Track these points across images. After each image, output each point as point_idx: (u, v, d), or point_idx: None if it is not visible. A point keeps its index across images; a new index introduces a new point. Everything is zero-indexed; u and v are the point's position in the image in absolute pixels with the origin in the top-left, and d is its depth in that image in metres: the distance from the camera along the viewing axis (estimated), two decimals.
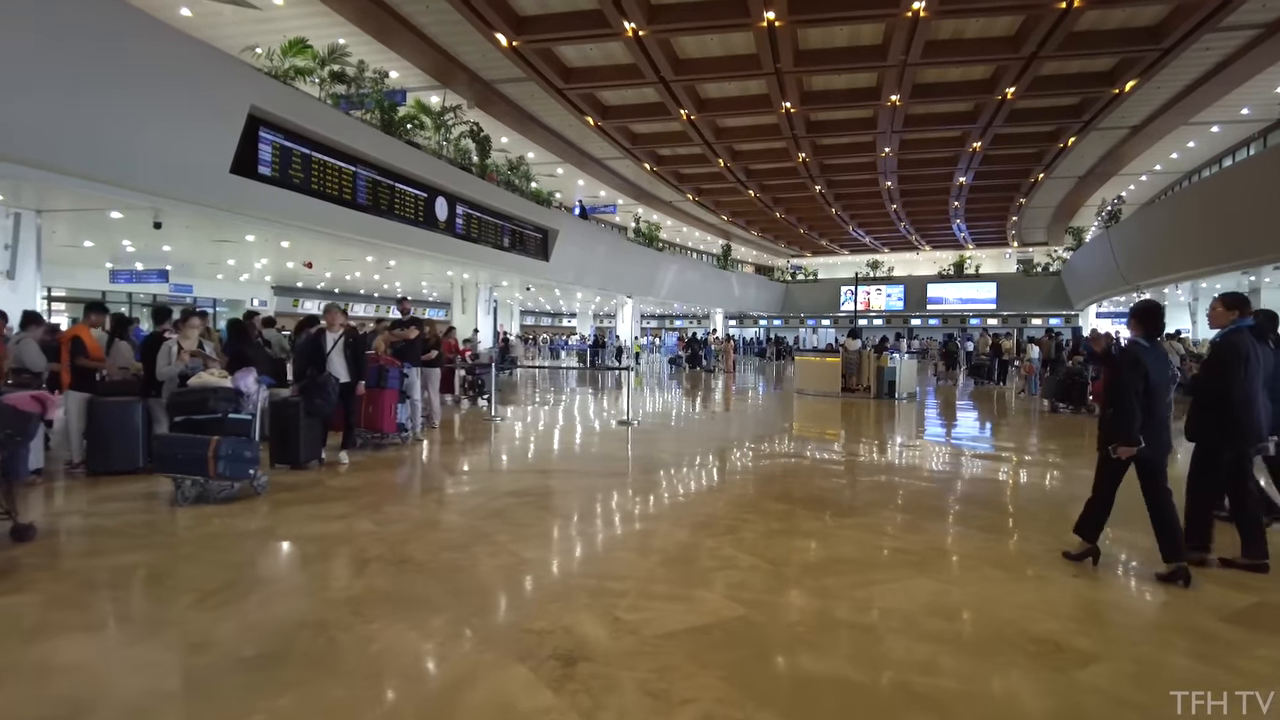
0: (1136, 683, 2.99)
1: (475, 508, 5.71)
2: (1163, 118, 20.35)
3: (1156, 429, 4.19)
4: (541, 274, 25.02)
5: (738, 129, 22.67)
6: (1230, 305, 4.50)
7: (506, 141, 23.63)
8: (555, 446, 9.40)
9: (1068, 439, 10.72)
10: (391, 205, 17.08)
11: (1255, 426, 4.34)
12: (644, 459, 8.19)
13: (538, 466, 7.71)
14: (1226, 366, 4.29)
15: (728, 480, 6.97)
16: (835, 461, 8.22)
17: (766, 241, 45.42)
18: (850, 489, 6.62)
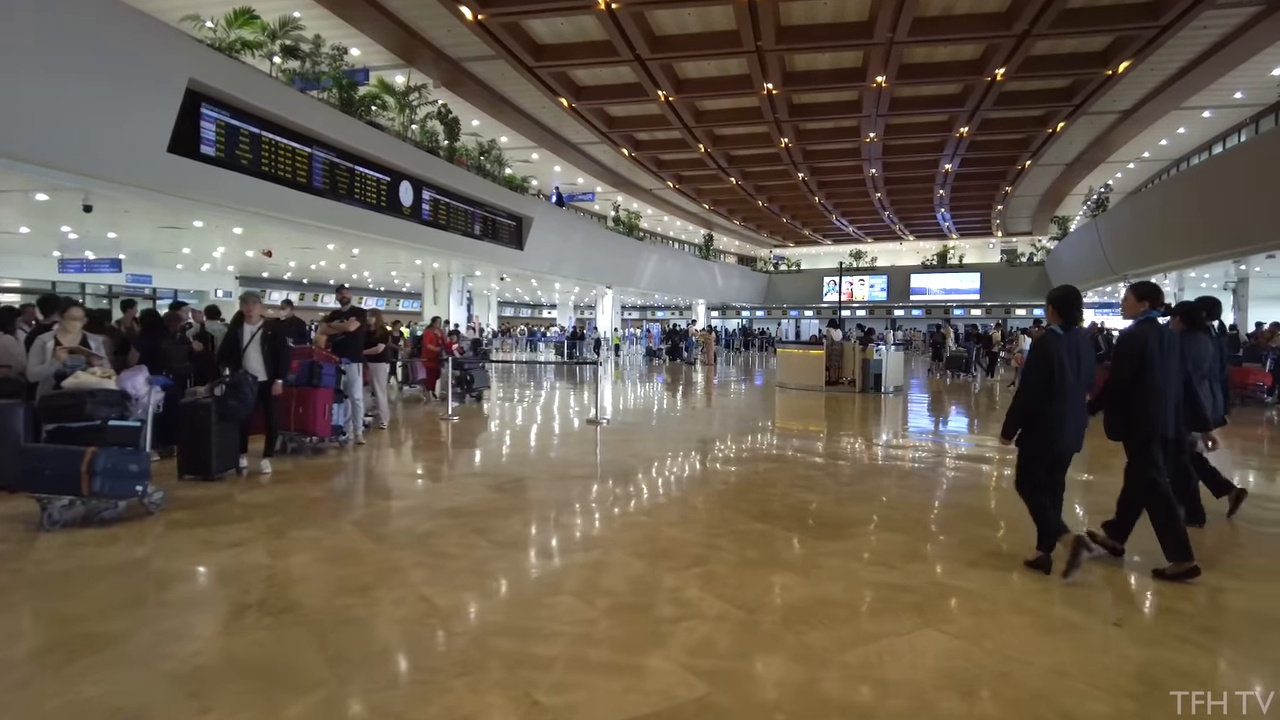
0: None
1: (398, 531, 4.86)
2: (1154, 101, 19.71)
3: (1069, 420, 4.05)
4: (516, 263, 24.08)
5: (718, 112, 21.81)
6: (1141, 296, 4.32)
7: (478, 125, 22.62)
8: (511, 451, 8.54)
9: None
10: (351, 189, 16.11)
11: (1161, 420, 4.14)
12: (608, 465, 7.38)
13: (487, 476, 6.84)
14: (1126, 360, 4.16)
15: (699, 492, 6.16)
16: (819, 466, 7.44)
17: (749, 231, 44.64)
18: (836, 501, 5.82)
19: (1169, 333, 4.29)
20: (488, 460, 7.84)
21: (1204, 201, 18.37)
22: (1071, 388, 4.03)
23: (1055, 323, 4.20)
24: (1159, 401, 4.12)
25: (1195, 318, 5.22)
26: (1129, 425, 4.18)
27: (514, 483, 6.36)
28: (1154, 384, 4.10)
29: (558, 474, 6.88)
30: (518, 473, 6.89)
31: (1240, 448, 9.81)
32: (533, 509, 5.50)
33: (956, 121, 21.93)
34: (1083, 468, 7.06)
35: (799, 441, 9.51)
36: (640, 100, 20.04)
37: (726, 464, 7.50)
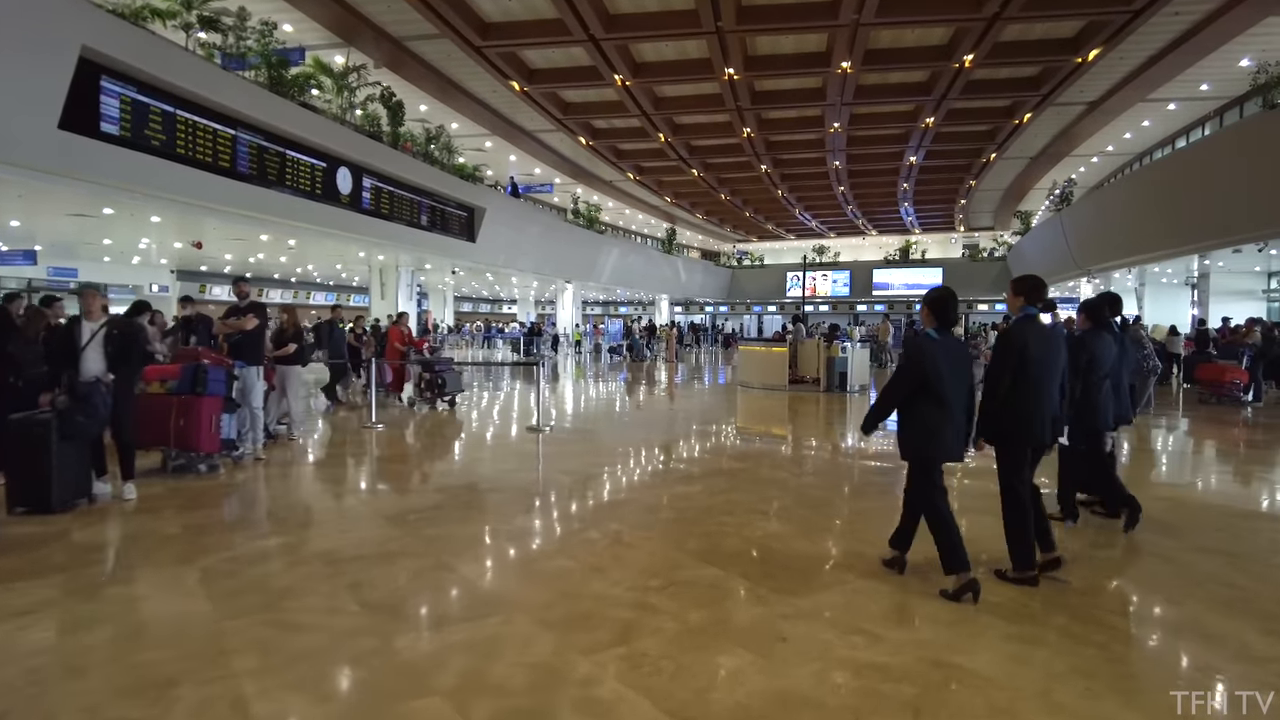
0: None
1: (250, 586, 3.82)
2: (1122, 92, 19.30)
3: (948, 427, 3.83)
4: (467, 256, 22.91)
5: (678, 99, 20.87)
6: (1018, 291, 4.07)
7: (426, 110, 21.39)
8: (429, 468, 7.49)
9: None
10: (282, 175, 14.87)
11: (1036, 425, 3.95)
12: (537, 486, 6.41)
13: (389, 503, 5.80)
14: (1003, 360, 3.95)
15: (640, 522, 5.16)
16: (783, 484, 6.54)
17: (712, 225, 43.88)
18: (804, 533, 4.91)
19: (1051, 331, 4.06)
20: (397, 481, 6.79)
21: (1169, 195, 18.01)
22: (950, 393, 3.81)
23: (930, 325, 3.94)
24: (1035, 405, 3.92)
25: (1100, 315, 5.04)
26: (1001, 428, 3.98)
27: (418, 514, 5.32)
28: (1031, 386, 3.89)
29: (475, 499, 5.88)
30: (427, 499, 5.87)
31: (1205, 450, 9.25)
32: (429, 552, 4.46)
33: (922, 111, 21.31)
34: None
35: (761, 451, 8.65)
36: (596, 84, 19.02)
37: (676, 481, 6.56)
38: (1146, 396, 11.51)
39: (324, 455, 7.91)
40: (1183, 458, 8.88)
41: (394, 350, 12.70)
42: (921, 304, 4.05)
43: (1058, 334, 4.16)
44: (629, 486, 6.38)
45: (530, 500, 5.82)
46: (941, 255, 45.91)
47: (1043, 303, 4.11)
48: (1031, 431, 3.95)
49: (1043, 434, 3.98)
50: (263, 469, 6.91)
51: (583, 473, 6.88)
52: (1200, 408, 12.52)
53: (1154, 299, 29.82)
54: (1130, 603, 3.92)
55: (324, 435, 9.21)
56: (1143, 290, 30.52)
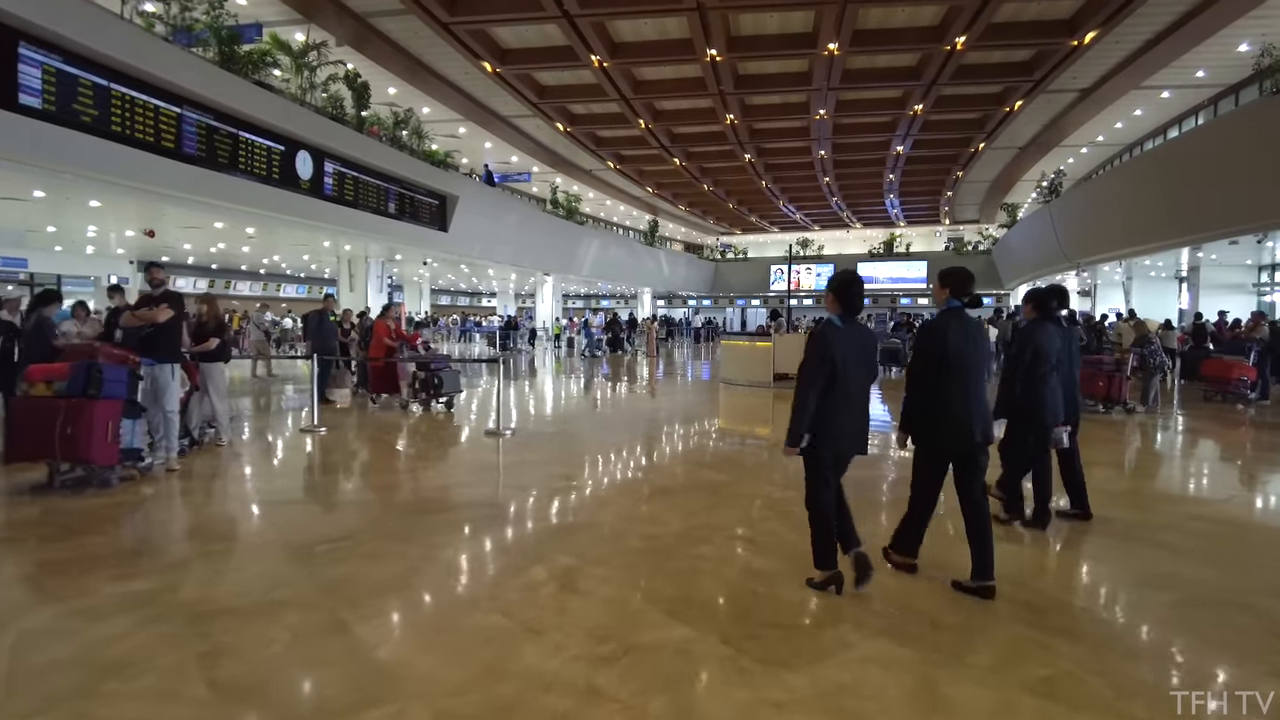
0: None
1: (69, 658, 2.93)
2: (1116, 79, 18.68)
3: (848, 419, 3.69)
4: (440, 246, 21.95)
5: (658, 82, 19.99)
6: (944, 283, 3.94)
7: (395, 93, 20.39)
8: (361, 482, 6.56)
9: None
10: (234, 158, 13.89)
11: (964, 423, 3.76)
12: (482, 507, 5.51)
13: (299, 530, 4.86)
14: (924, 355, 3.82)
15: (596, 557, 4.26)
16: (767, 498, 5.75)
17: (695, 217, 43.07)
18: (799, 570, 4.00)
19: (975, 324, 3.85)
20: (320, 500, 5.89)
21: (1165, 185, 17.41)
22: (852, 384, 3.66)
23: (835, 311, 3.77)
24: (961, 401, 3.75)
25: (1045, 306, 4.94)
26: (925, 427, 3.83)
27: (328, 544, 4.44)
28: (953, 382, 3.75)
29: (403, 525, 4.99)
30: (345, 523, 4.99)
31: (1205, 450, 8.59)
32: (323, 602, 3.57)
33: (911, 98, 20.60)
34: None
35: (744, 457, 7.85)
36: (572, 65, 18.11)
37: (647, 498, 5.74)
38: (1153, 393, 10.89)
39: (247, 466, 6.97)
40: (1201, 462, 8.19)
41: (381, 346, 11.41)
42: (825, 289, 3.81)
43: (982, 328, 3.96)
44: (592, 504, 5.54)
45: (470, 525, 4.95)
46: (926, 249, 45.44)
47: (969, 297, 3.90)
48: (958, 430, 3.76)
49: (972, 432, 3.77)
50: (173, 483, 6.01)
51: (540, 487, 6.04)
52: (1204, 406, 11.89)
53: (1141, 292, 29.45)
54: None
55: (256, 441, 8.27)
56: (1130, 284, 30.14)
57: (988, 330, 4.10)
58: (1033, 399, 4.77)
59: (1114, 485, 6.47)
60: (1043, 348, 4.74)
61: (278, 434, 8.77)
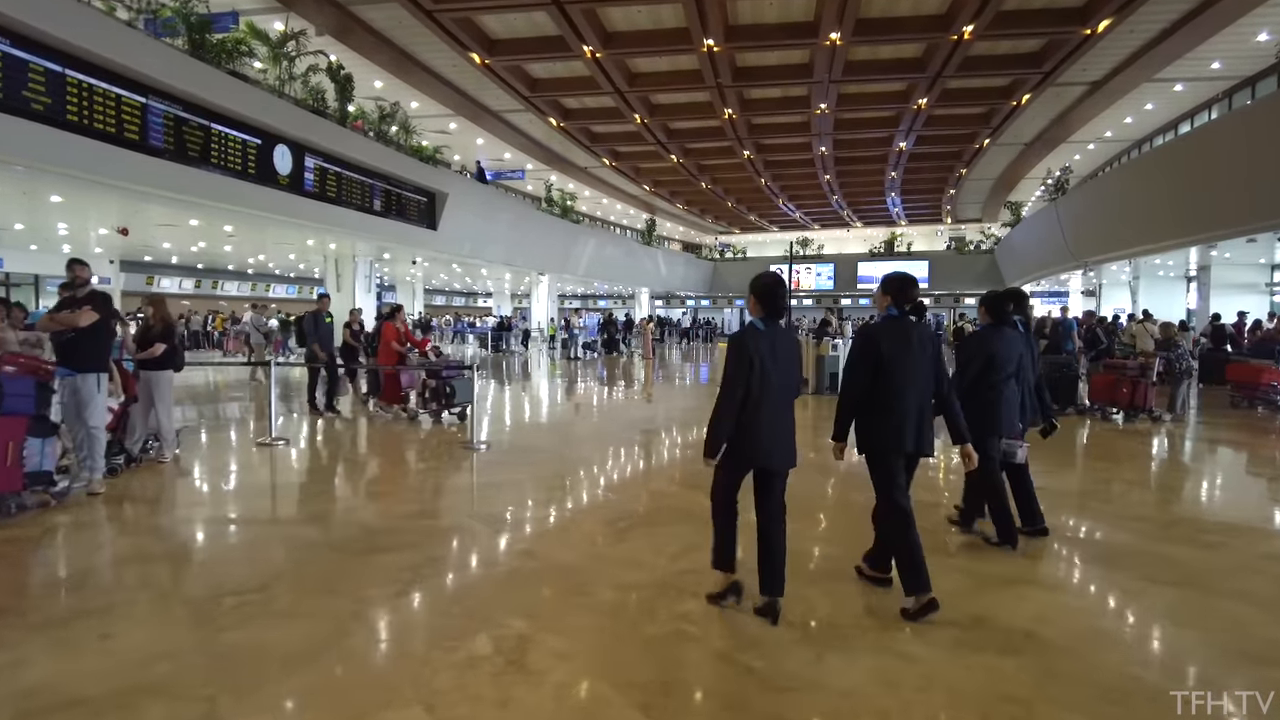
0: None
1: None
2: (1127, 72, 17.99)
3: (765, 428, 3.47)
4: (429, 245, 21.28)
5: (653, 74, 19.29)
6: (884, 290, 3.81)
7: (381, 86, 19.72)
8: (303, 510, 5.70)
9: (1096, 462, 7.94)
10: (206, 152, 13.20)
11: (898, 432, 3.60)
12: (435, 544, 4.73)
13: (210, 576, 4.12)
14: (859, 363, 3.68)
15: (555, 619, 3.54)
16: None
17: (693, 216, 42.37)
18: (803, 640, 3.33)
19: (913, 331, 3.70)
20: (247, 534, 5.04)
21: (1180, 181, 16.72)
22: (775, 392, 3.50)
23: (757, 314, 3.63)
24: (895, 411, 3.62)
25: (1001, 310, 4.73)
26: (864, 437, 3.71)
27: (236, 600, 3.67)
28: (890, 391, 3.63)
29: (332, 569, 4.19)
30: (267, 568, 4.18)
31: (1251, 465, 7.89)
32: (205, 684, 2.84)
33: (915, 91, 19.90)
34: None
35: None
36: (564, 56, 17.41)
37: (628, 531, 4.99)
38: (1180, 399, 10.21)
39: (180, 490, 6.18)
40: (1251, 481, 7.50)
41: (389, 351, 10.27)
42: (749, 291, 3.65)
43: (922, 334, 3.72)
44: (562, 540, 4.82)
45: (411, 571, 4.15)
46: (927, 248, 44.79)
47: (910, 304, 3.74)
48: (894, 437, 3.60)
49: (909, 439, 3.61)
50: (88, 511, 5.29)
51: (505, 518, 5.32)
52: (1232, 413, 11.18)
53: (1149, 292, 28.80)
54: None
55: (205, 457, 7.54)
56: (1137, 284, 29.48)
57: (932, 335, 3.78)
58: (987, 409, 4.51)
59: (1160, 512, 5.80)
60: (998, 355, 4.53)
61: (232, 449, 8.04)
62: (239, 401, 13.04)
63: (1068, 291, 35.63)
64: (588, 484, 6.52)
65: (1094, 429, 9.52)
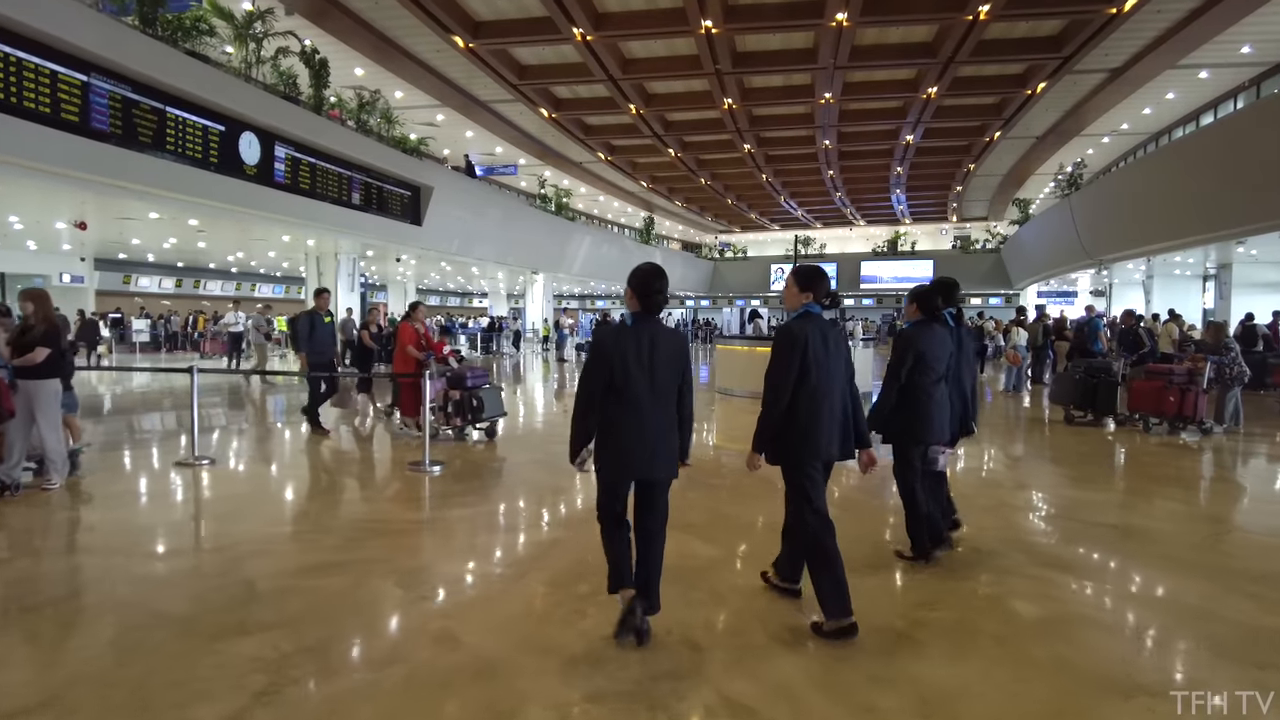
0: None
1: None
2: (1151, 57, 16.95)
3: (634, 434, 3.15)
4: (414, 241, 20.30)
5: (649, 60, 18.24)
6: (801, 285, 3.44)
7: (362, 74, 18.71)
8: (181, 563, 4.38)
9: (1142, 479, 6.90)
10: (161, 137, 12.21)
11: (822, 439, 3.33)
12: (320, 622, 3.52)
13: (10, 679, 2.92)
14: (781, 364, 3.32)
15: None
16: (783, 619, 3.82)
17: (692, 214, 41.34)
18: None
19: (835, 330, 3.42)
20: (94, 596, 3.85)
21: (1208, 173, 15.69)
22: (642, 395, 3.13)
23: (632, 309, 3.24)
24: (819, 416, 3.32)
25: (929, 304, 4.37)
26: (783, 445, 3.35)
27: (46, 700, 2.71)
28: (813, 394, 3.31)
29: (154, 674, 3.01)
30: (85, 654, 3.15)
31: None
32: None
33: (925, 79, 18.87)
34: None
35: (744, 513, 6.10)
36: (552, 39, 16.37)
37: (587, 603, 3.73)
38: (1231, 409, 9.19)
39: (40, 533, 4.92)
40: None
41: (405, 356, 8.56)
42: (627, 284, 3.28)
43: (837, 332, 3.47)
44: (499, 618, 3.56)
45: (269, 669, 2.98)
46: (931, 247, 43.80)
47: (828, 298, 3.51)
48: (813, 444, 3.35)
49: (834, 445, 3.40)
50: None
51: (436, 575, 4.15)
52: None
53: (1163, 291, 27.80)
54: None
55: (106, 481, 6.34)
56: (1150, 283, 28.44)
57: (847, 334, 4.06)
58: (917, 413, 4.15)
59: (1250, 557, 4.74)
60: (926, 354, 4.15)
61: (145, 471, 6.91)
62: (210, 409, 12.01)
63: (1076, 291, 34.65)
64: (549, 520, 5.46)
65: (1138, 443, 8.48)
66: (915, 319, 4.37)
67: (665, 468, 3.22)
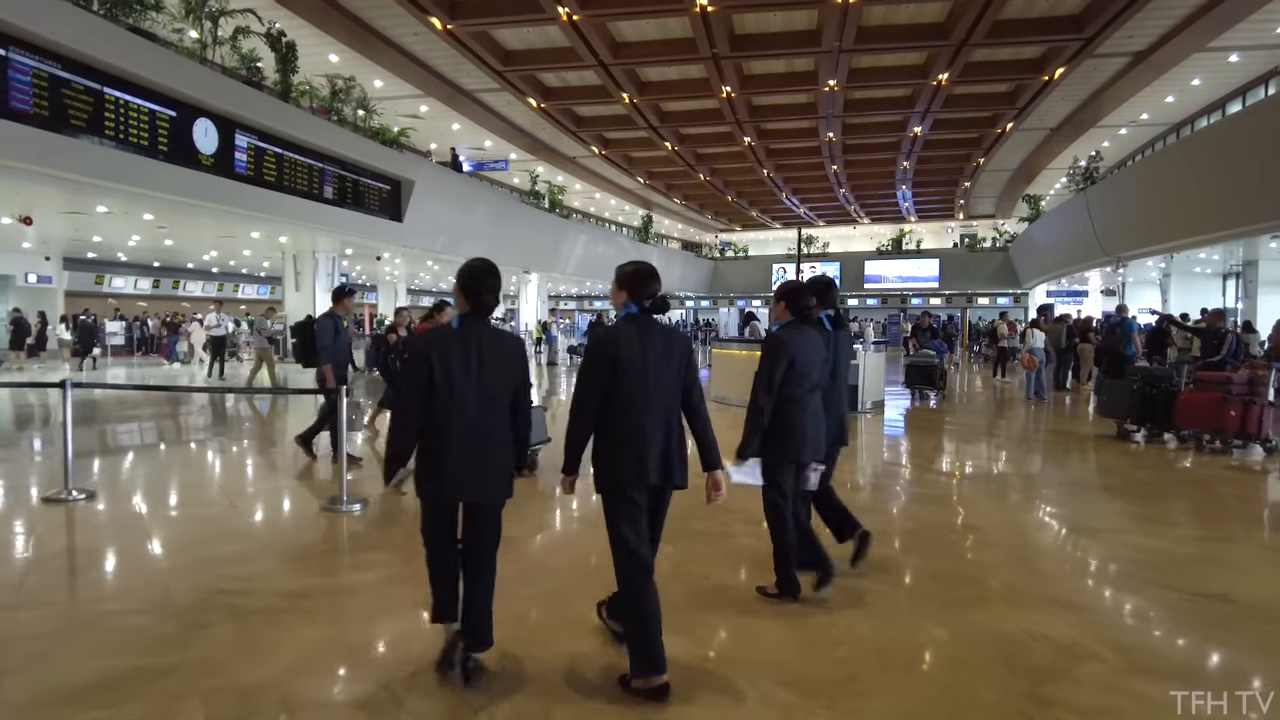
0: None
1: None
2: (1179, 39, 15.78)
3: (439, 451, 2.81)
4: (394, 238, 19.22)
5: (641, 44, 17.08)
6: (620, 284, 2.98)
7: (337, 61, 17.62)
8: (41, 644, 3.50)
9: (1232, 520, 5.73)
10: (98, 121, 11.15)
11: (640, 457, 2.82)
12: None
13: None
14: (584, 372, 2.91)
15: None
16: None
17: (692, 212, 40.20)
18: None
19: (663, 332, 2.90)
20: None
21: (1242, 162, 14.51)
22: (467, 405, 2.78)
23: (461, 309, 2.89)
24: (634, 434, 2.82)
25: (799, 304, 3.78)
26: (597, 469, 2.90)
27: None
28: (627, 408, 2.82)
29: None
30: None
31: None
32: None
33: (935, 65, 17.71)
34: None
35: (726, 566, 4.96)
36: (537, 20, 15.23)
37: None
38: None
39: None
40: None
41: None
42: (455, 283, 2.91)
43: (667, 337, 2.90)
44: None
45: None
46: (936, 246, 42.63)
47: (650, 300, 2.92)
48: (634, 468, 2.81)
49: (647, 471, 2.81)
50: None
51: (284, 697, 2.78)
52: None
53: (1181, 290, 26.71)
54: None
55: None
56: (1168, 281, 27.35)
57: (680, 337, 2.84)
58: (786, 428, 3.67)
59: None
60: (798, 360, 3.68)
61: (9, 501, 5.73)
62: (141, 424, 10.90)
63: (1086, 291, 33.50)
64: (500, 580, 4.31)
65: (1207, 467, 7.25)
66: (785, 320, 3.80)
67: (499, 487, 2.90)
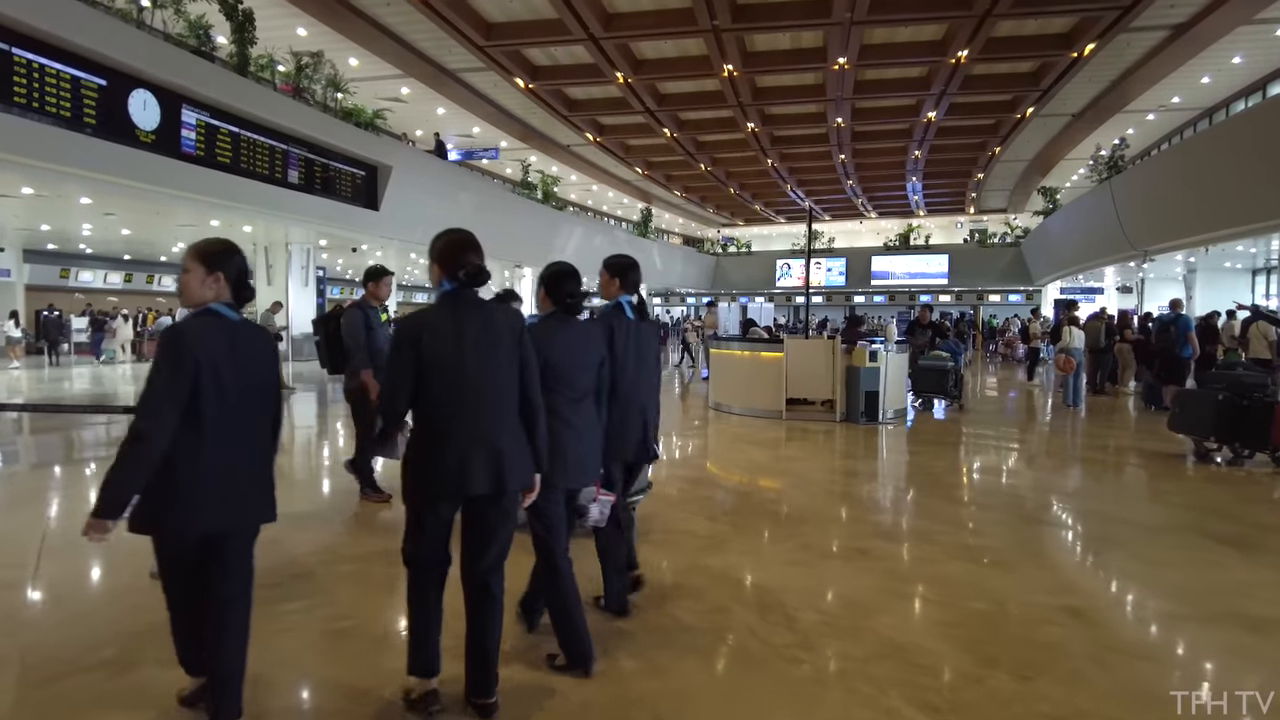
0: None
1: None
2: (1223, 9, 14.37)
3: (189, 473, 2.26)
4: (369, 228, 17.86)
5: (635, 15, 15.65)
6: (432, 258, 2.59)
7: (306, 35, 16.28)
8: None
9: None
10: (6, 87, 9.80)
11: (457, 463, 2.42)
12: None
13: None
14: (389, 371, 2.48)
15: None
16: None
17: (693, 205, 38.79)
18: None
19: (487, 313, 2.52)
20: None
21: None
22: (233, 417, 2.29)
23: (222, 299, 2.37)
24: (449, 436, 2.44)
25: (562, 291, 3.02)
26: (405, 475, 2.49)
27: None
28: (439, 406, 2.44)
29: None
30: None
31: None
32: None
33: (955, 38, 16.28)
34: None
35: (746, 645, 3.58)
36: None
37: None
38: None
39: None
40: None
41: None
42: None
43: (490, 320, 2.51)
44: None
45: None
46: (945, 241, 41.21)
47: (465, 273, 2.50)
48: (449, 476, 2.42)
49: (465, 479, 2.41)
50: None
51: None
52: None
53: (1206, 286, 25.24)
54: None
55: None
56: (1193, 277, 25.89)
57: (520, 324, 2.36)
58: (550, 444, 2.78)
59: None
60: (556, 362, 2.85)
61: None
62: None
63: (1101, 288, 32.09)
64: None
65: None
66: (546, 313, 3.05)
67: (260, 510, 2.38)
